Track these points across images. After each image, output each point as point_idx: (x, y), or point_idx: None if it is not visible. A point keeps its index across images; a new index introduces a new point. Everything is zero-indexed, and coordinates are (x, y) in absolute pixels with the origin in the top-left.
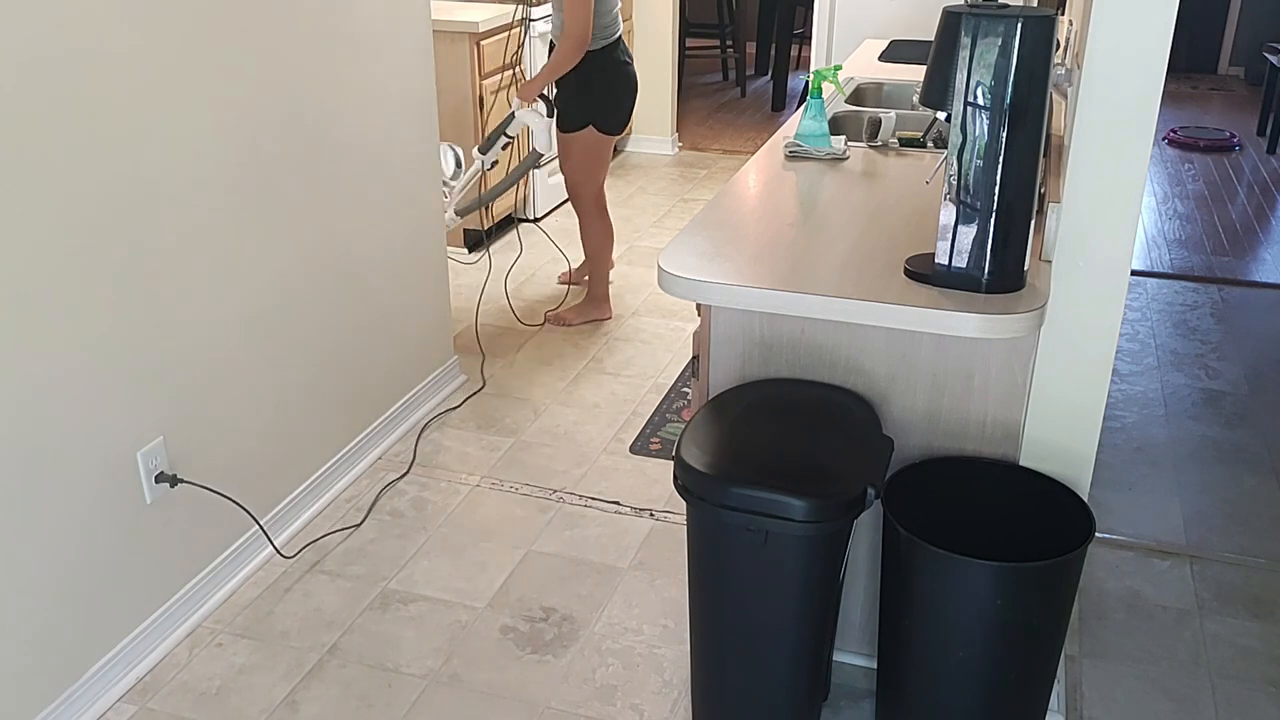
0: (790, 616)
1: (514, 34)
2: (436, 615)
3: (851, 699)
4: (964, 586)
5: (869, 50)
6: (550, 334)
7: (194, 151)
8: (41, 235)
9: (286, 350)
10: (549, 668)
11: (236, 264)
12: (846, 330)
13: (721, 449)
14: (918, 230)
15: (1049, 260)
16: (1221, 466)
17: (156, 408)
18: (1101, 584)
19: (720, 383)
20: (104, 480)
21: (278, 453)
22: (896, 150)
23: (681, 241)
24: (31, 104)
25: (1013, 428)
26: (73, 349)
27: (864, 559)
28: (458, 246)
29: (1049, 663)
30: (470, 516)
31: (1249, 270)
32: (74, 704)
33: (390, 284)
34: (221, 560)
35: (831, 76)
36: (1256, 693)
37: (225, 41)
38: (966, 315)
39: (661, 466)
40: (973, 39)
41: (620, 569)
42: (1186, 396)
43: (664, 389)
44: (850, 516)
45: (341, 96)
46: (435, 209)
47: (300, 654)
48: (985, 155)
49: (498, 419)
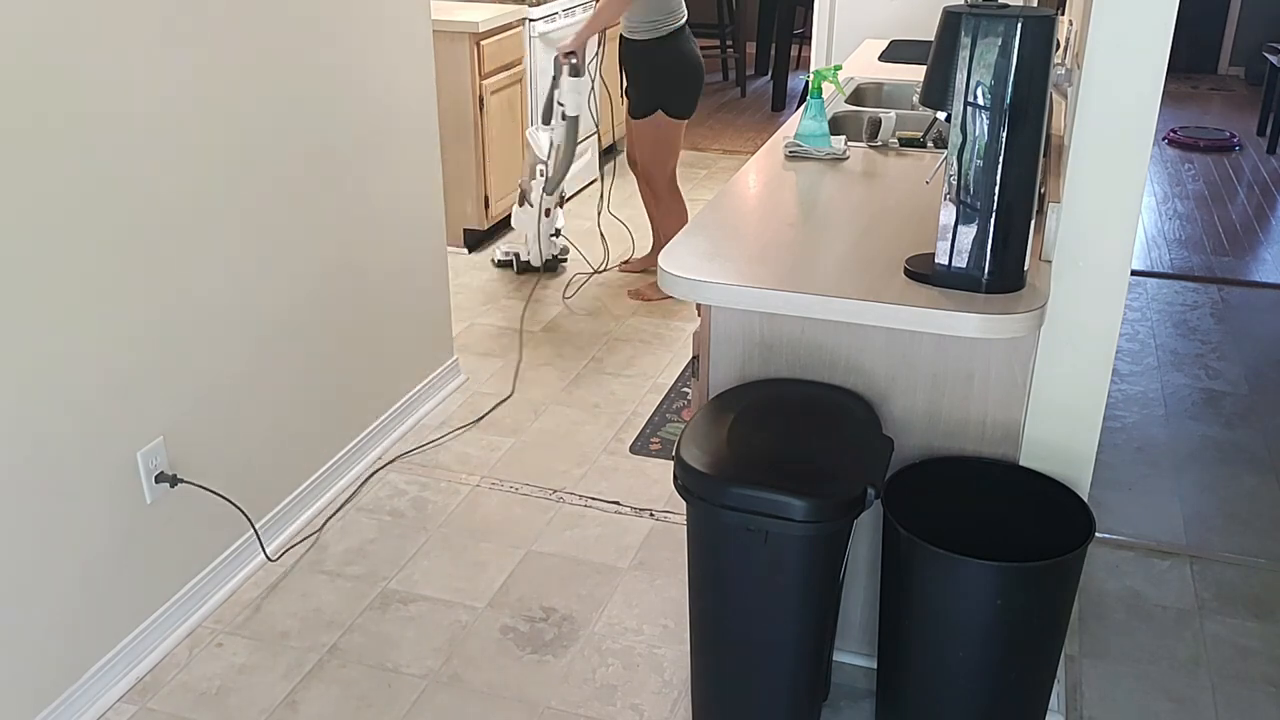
0: (790, 616)
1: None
2: (436, 615)
3: (851, 699)
4: (964, 586)
5: (869, 50)
6: (551, 334)
7: (193, 151)
8: (41, 235)
9: (287, 350)
10: (549, 668)
11: (237, 264)
12: (846, 330)
13: (721, 449)
14: (918, 230)
15: (1049, 260)
16: (1221, 466)
17: (156, 408)
18: (1101, 584)
19: (720, 383)
20: (104, 480)
21: (278, 452)
22: (896, 150)
23: (681, 241)
24: (31, 104)
25: (1013, 428)
26: (73, 349)
27: (864, 559)
28: (458, 246)
29: (1049, 663)
30: (470, 516)
31: (1249, 270)
32: (74, 704)
33: (390, 284)
34: (222, 560)
35: (831, 76)
36: (1256, 693)
37: (226, 42)
38: (966, 315)
39: (661, 466)
40: (973, 39)
41: (620, 569)
42: (1186, 396)
43: (664, 389)
44: (850, 516)
45: (341, 96)
46: (435, 208)
47: (300, 654)
48: (985, 155)
49: (498, 419)
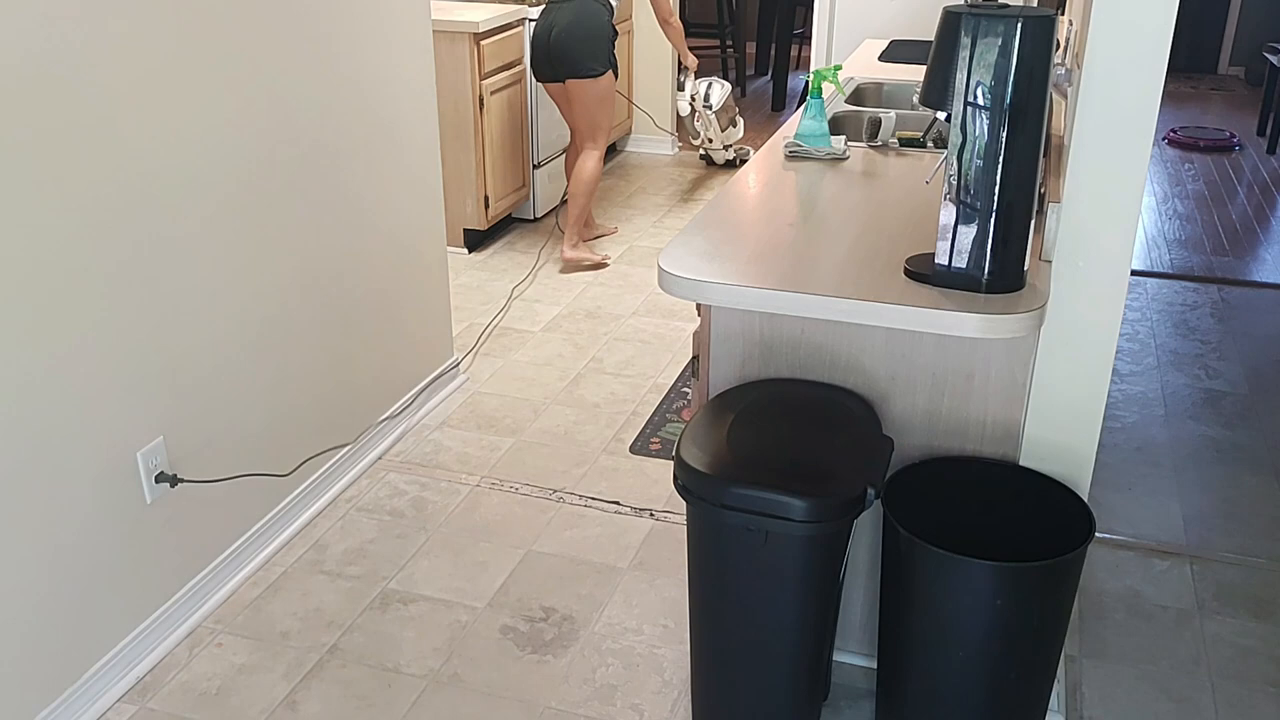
0: (790, 616)
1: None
2: (436, 615)
3: (851, 699)
4: (964, 586)
5: (869, 50)
6: (551, 333)
7: (193, 151)
8: (42, 235)
9: (286, 350)
10: (549, 668)
11: (237, 264)
12: (846, 330)
13: (721, 449)
14: (918, 230)
15: (1049, 260)
16: (1221, 466)
17: (156, 408)
18: (1101, 584)
19: (720, 383)
20: (104, 480)
21: (278, 452)
22: (896, 150)
23: (681, 241)
24: (30, 103)
25: (1013, 428)
26: (73, 349)
27: (864, 559)
28: (458, 247)
29: (1049, 663)
30: (470, 516)
31: (1249, 270)
32: (74, 704)
33: (390, 284)
34: (221, 560)
35: (831, 76)
36: (1256, 693)
37: (226, 41)
38: (966, 315)
39: (661, 466)
40: (973, 39)
41: (620, 569)
42: (1186, 396)
43: (664, 389)
44: (850, 516)
45: (341, 96)
46: (435, 208)
47: (300, 654)
48: (985, 155)
49: (498, 419)
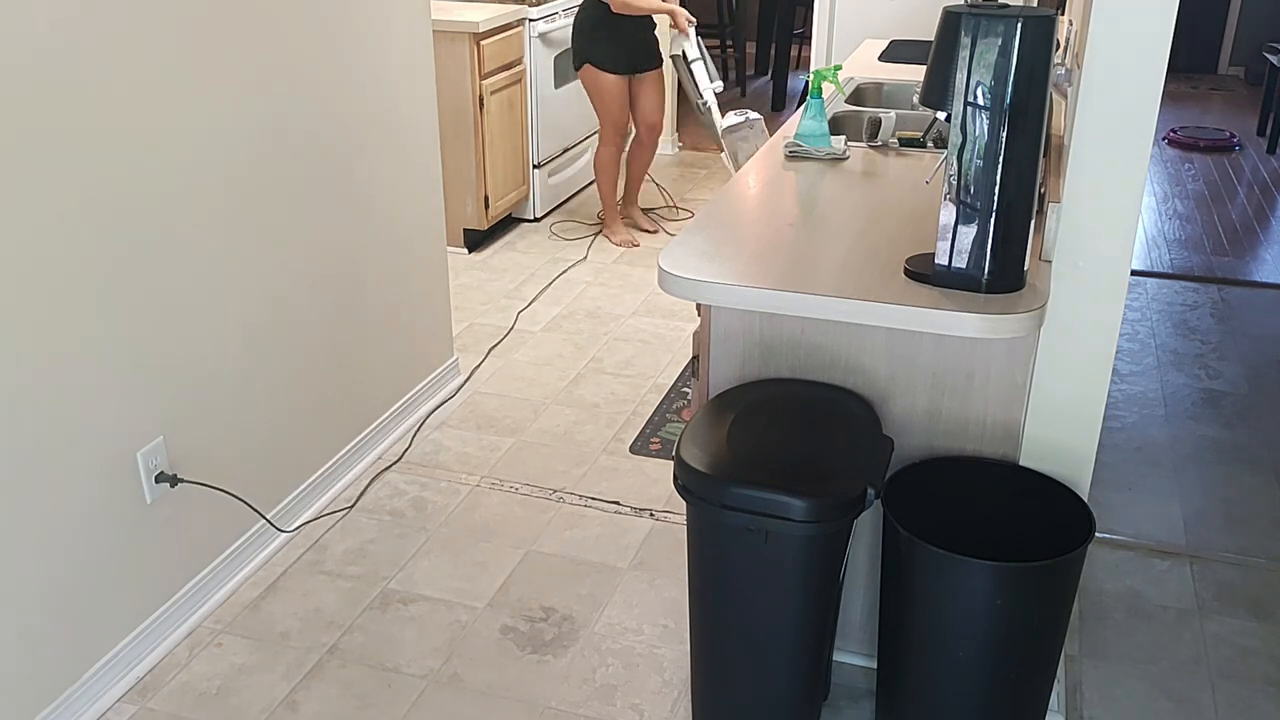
0: (790, 616)
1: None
2: (436, 615)
3: (851, 699)
4: (964, 586)
5: (869, 50)
6: (551, 333)
7: (194, 151)
8: (42, 234)
9: (287, 350)
10: (549, 668)
11: (237, 264)
12: (846, 330)
13: (721, 449)
14: (918, 230)
15: (1049, 260)
16: (1221, 466)
17: (156, 408)
18: (1101, 584)
19: (720, 383)
20: (104, 480)
21: (278, 452)
22: (896, 150)
23: (681, 241)
24: (29, 102)
25: (1013, 427)
26: (73, 348)
27: (864, 559)
28: (458, 247)
29: (1049, 663)
30: (470, 516)
31: (1249, 270)
32: (74, 704)
33: (391, 284)
34: (221, 560)
35: (831, 76)
36: (1256, 693)
37: (226, 42)
38: (966, 315)
39: (661, 466)
40: (973, 39)
41: (620, 569)
42: (1186, 396)
43: (664, 389)
44: (850, 516)
45: (341, 96)
46: (435, 208)
47: (300, 654)
48: (985, 155)
49: (498, 419)
